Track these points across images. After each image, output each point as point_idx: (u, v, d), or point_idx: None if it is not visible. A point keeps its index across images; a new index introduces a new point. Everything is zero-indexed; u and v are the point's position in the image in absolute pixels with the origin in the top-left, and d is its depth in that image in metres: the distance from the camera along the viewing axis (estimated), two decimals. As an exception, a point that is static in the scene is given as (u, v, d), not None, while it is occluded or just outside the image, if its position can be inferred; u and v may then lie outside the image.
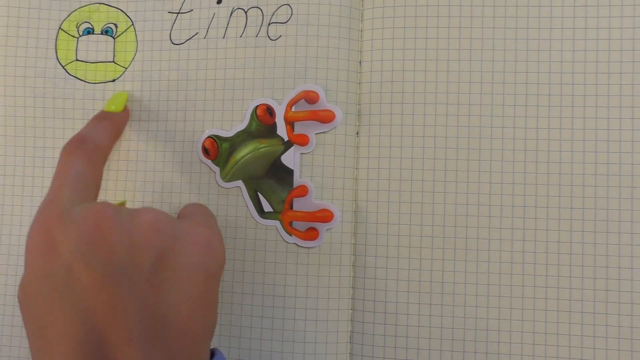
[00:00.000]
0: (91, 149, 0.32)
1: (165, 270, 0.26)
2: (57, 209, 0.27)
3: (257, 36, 0.37)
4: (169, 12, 0.38)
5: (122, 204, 0.36)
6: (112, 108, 0.36)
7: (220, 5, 0.37)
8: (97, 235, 0.26)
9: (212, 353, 0.28)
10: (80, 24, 0.39)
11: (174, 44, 0.38)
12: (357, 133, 0.36)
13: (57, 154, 0.38)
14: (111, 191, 0.38)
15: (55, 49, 0.39)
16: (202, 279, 0.27)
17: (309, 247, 0.35)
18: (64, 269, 0.26)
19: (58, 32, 0.39)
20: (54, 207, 0.27)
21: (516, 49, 0.34)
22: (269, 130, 0.36)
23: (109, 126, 0.35)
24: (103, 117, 0.36)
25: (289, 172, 0.35)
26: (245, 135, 0.36)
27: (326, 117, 0.35)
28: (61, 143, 0.37)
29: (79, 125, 0.38)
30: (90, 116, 0.38)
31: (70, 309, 0.25)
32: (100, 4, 0.39)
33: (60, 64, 0.39)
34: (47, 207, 0.28)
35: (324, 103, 0.35)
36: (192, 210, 0.32)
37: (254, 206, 0.36)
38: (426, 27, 0.35)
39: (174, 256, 0.27)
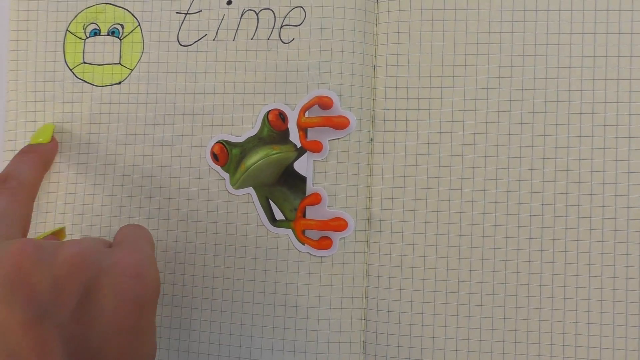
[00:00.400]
0: (14, 187, 0.32)
1: (91, 304, 0.25)
2: None
3: (268, 39, 0.36)
4: (177, 13, 0.37)
5: (60, 230, 0.34)
6: (40, 140, 0.36)
7: (230, 6, 0.36)
8: (17, 276, 0.25)
9: None
10: (87, 25, 0.38)
11: (182, 45, 0.37)
12: (372, 139, 0.35)
13: (63, 159, 0.37)
14: (117, 197, 0.37)
15: (64, 51, 0.38)
16: (133, 310, 0.26)
17: (322, 257, 0.34)
18: None
19: (65, 34, 0.38)
20: None
21: (535, 54, 0.34)
22: (281, 136, 0.35)
23: (35, 159, 0.35)
24: (29, 150, 0.35)
25: (302, 180, 0.34)
26: (256, 141, 0.35)
27: (340, 124, 0.34)
28: (67, 148, 0.37)
29: (86, 130, 0.37)
30: (98, 120, 0.37)
31: None
32: (106, 4, 0.38)
33: (69, 67, 0.38)
34: None
35: (338, 109, 0.34)
36: (125, 234, 0.30)
37: (266, 214, 0.35)
38: (443, 32, 0.34)
39: (100, 290, 0.25)
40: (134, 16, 0.38)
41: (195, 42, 0.37)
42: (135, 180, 0.37)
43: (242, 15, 0.36)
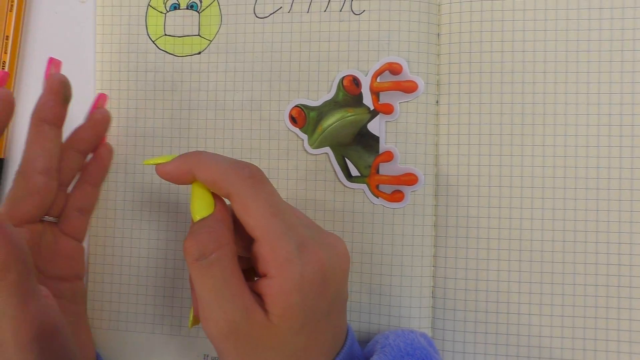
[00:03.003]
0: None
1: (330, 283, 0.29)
2: (318, 247, 0.29)
3: (341, 11, 0.39)
4: (252, -12, 0.40)
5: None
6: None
7: (302, -20, 0.39)
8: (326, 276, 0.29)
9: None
10: (167, 0, 0.41)
11: (258, 17, 0.40)
12: (437, 102, 0.38)
13: (147, 123, 0.40)
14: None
15: (146, 25, 0.41)
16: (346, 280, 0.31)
17: (394, 208, 0.37)
18: (332, 303, 0.30)
19: (147, 9, 0.41)
20: (314, 246, 0.29)
21: (587, 17, 0.36)
22: (355, 99, 0.38)
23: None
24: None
25: (375, 139, 0.38)
26: (332, 105, 0.38)
27: (409, 87, 0.37)
28: (152, 114, 0.40)
29: (168, 97, 0.40)
30: (179, 88, 0.40)
31: None
32: (183, -20, 0.41)
33: (151, 39, 0.41)
34: (305, 246, 0.29)
35: (407, 74, 0.37)
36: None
37: (342, 171, 0.38)
38: (503, 0, 0.37)
39: (334, 269, 0.29)
40: (212, -9, 0.41)
41: (271, 14, 0.40)
42: (217, 142, 0.40)
43: (313, -12, 0.39)
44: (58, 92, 0.35)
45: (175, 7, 0.41)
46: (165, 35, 0.41)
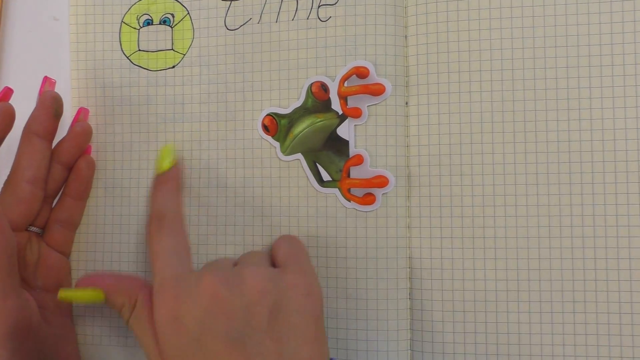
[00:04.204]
0: (171, 220, 0.35)
1: (279, 323, 0.30)
2: (173, 289, 0.31)
3: (308, 19, 0.39)
4: (223, 0, 0.41)
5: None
6: (166, 166, 0.37)
7: (270, -9, 0.40)
8: (215, 308, 0.30)
9: None
10: (140, 16, 0.42)
11: (229, 29, 0.41)
12: (407, 103, 0.38)
13: (125, 138, 0.41)
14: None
15: (120, 41, 0.42)
16: (312, 322, 0.31)
17: (366, 211, 0.38)
18: (194, 341, 0.30)
19: (121, 25, 0.42)
20: (168, 287, 0.31)
21: (552, 14, 0.36)
22: (324, 105, 0.38)
23: (173, 187, 0.36)
24: (164, 180, 0.37)
25: (345, 143, 0.38)
26: (302, 111, 0.39)
27: (377, 90, 0.38)
28: (129, 129, 0.41)
29: (144, 111, 0.41)
30: (154, 102, 0.41)
31: None
32: (156, -4, 0.42)
33: (125, 55, 0.42)
34: (162, 287, 0.31)
35: (374, 77, 0.38)
36: (286, 253, 0.35)
37: (314, 176, 0.38)
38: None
39: (284, 309, 0.30)
40: (183, 5, 0.42)
41: (241, 25, 0.40)
42: (193, 153, 0.40)
43: (281, -2, 0.40)
44: (50, 107, 0.37)
45: (149, 22, 0.42)
46: (139, 50, 0.42)
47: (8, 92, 0.37)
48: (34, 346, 0.32)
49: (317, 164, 0.38)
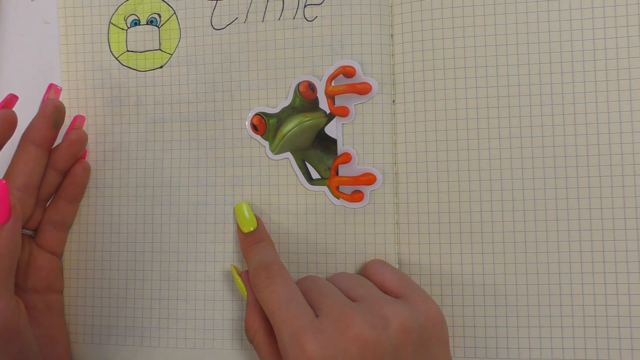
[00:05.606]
0: (279, 269, 0.35)
1: (423, 355, 0.31)
2: (314, 340, 0.30)
3: (294, 18, 0.39)
4: (209, 0, 0.41)
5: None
6: (250, 228, 0.38)
7: (256, -10, 0.40)
8: (366, 354, 0.30)
9: None
10: (127, 17, 0.42)
11: (215, 29, 0.41)
12: (394, 101, 0.39)
13: (115, 138, 0.41)
14: (167, 169, 0.41)
15: (108, 42, 0.42)
16: (446, 346, 0.33)
17: (355, 208, 0.38)
18: None
19: (109, 26, 0.42)
20: (308, 339, 0.30)
21: (535, 10, 0.37)
22: (312, 104, 0.39)
23: (269, 244, 0.38)
24: (257, 239, 0.38)
25: (333, 142, 0.38)
26: (290, 111, 0.39)
27: (363, 89, 0.38)
28: (119, 129, 0.41)
29: (134, 111, 0.41)
30: (144, 102, 0.41)
31: None
32: (143, -4, 0.42)
33: (114, 56, 0.42)
34: (298, 339, 0.30)
35: (361, 76, 0.38)
36: (398, 281, 0.35)
37: (303, 174, 0.39)
38: (452, -2, 0.38)
39: (424, 342, 0.31)
40: (170, 5, 0.42)
41: (228, 25, 0.41)
42: (183, 153, 0.41)
43: (268, -3, 0.40)
44: (49, 116, 0.38)
45: (136, 23, 0.42)
46: (128, 51, 0.42)
47: (12, 99, 0.37)
48: (18, 348, 0.33)
49: (306, 163, 0.39)
